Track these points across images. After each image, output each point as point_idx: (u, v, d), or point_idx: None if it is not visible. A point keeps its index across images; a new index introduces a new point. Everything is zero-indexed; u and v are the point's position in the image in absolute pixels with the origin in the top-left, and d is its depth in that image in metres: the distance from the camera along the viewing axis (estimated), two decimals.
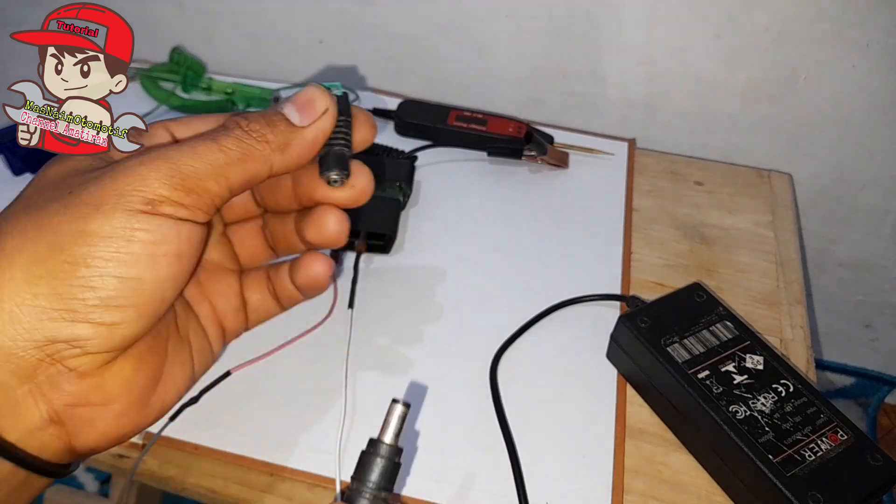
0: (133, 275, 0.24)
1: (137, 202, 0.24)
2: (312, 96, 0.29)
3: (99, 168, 0.26)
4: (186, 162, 0.25)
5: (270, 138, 0.27)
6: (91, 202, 0.24)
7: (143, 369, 0.27)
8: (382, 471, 0.25)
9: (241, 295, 0.35)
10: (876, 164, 0.62)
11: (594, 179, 0.57)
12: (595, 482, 0.38)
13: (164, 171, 0.24)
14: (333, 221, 0.32)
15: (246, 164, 0.26)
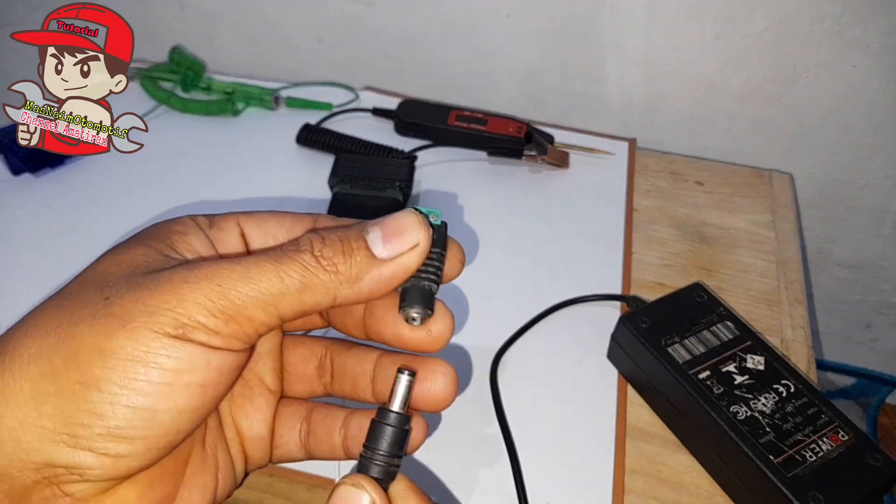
0: (147, 405, 0.21)
1: (168, 324, 0.21)
2: (404, 225, 0.25)
3: (154, 271, 0.23)
4: (235, 286, 0.22)
5: (342, 269, 0.23)
6: (120, 315, 0.21)
7: (151, 495, 0.24)
8: (393, 439, 0.24)
9: (272, 423, 0.29)
10: (876, 164, 0.62)
11: (594, 179, 0.57)
12: (595, 482, 0.38)
13: (207, 293, 0.22)
14: (443, 382, 0.27)
15: (305, 295, 0.23)
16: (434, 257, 0.26)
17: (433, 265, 0.26)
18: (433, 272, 0.26)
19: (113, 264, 0.24)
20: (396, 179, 0.51)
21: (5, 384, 0.21)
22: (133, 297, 0.22)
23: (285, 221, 0.27)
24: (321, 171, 0.53)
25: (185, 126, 0.61)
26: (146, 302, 0.21)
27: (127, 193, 0.54)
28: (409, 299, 0.26)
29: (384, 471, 0.24)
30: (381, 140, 0.58)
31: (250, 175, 0.56)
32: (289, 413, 0.29)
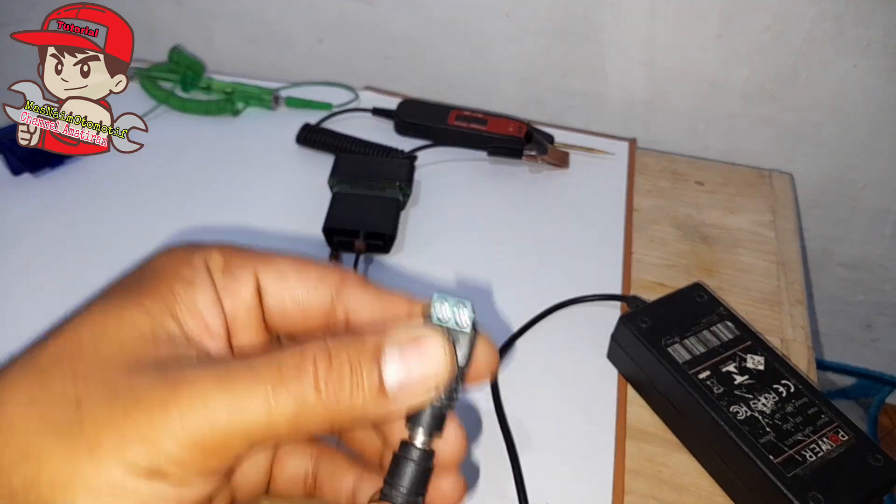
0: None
1: (140, 458, 0.18)
2: (429, 364, 0.21)
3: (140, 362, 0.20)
4: (221, 415, 0.18)
5: (345, 403, 0.20)
6: (89, 437, 0.18)
7: None
8: (415, 475, 0.22)
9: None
10: (877, 164, 0.62)
11: (594, 179, 0.57)
12: (595, 482, 0.38)
13: (188, 422, 0.18)
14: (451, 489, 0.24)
15: (298, 425, 0.19)
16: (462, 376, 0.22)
17: (451, 385, 0.22)
18: (449, 394, 0.22)
19: (97, 337, 0.21)
20: (396, 179, 0.51)
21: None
22: (106, 415, 0.19)
23: (309, 278, 0.23)
24: (321, 171, 0.53)
25: (185, 126, 0.61)
26: (118, 425, 0.18)
27: (127, 193, 0.54)
28: (416, 420, 0.22)
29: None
30: (381, 140, 0.58)
31: (250, 175, 0.56)
32: (291, 465, 0.26)
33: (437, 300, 0.22)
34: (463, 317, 0.22)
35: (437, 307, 0.22)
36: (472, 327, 0.22)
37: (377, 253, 0.49)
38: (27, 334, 0.47)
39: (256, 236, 0.51)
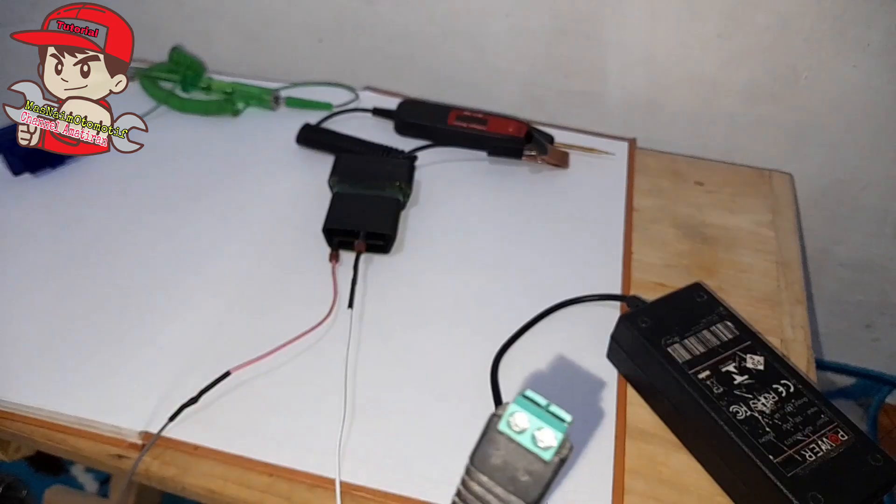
0: None
1: None
2: None
3: None
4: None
5: None
6: None
7: None
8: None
9: None
10: (877, 164, 0.62)
11: (594, 179, 0.57)
12: (595, 482, 0.38)
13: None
14: None
15: None
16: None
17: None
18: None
19: None
20: (396, 179, 0.51)
21: None
22: None
23: None
24: (321, 171, 0.53)
25: (185, 126, 0.61)
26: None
27: (127, 193, 0.54)
28: None
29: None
30: (381, 140, 0.58)
31: (250, 175, 0.56)
32: None
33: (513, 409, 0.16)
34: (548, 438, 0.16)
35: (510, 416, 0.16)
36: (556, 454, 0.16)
37: (377, 253, 0.49)
38: (27, 334, 0.47)
39: (256, 236, 0.51)
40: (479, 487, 0.17)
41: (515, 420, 0.16)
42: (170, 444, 0.38)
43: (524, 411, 0.16)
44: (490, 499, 0.17)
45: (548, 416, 0.16)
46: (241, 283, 0.47)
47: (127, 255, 0.49)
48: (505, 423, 0.16)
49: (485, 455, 0.16)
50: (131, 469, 0.38)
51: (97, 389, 0.41)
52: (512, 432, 0.16)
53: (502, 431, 0.16)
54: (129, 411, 0.39)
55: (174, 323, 0.44)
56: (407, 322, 0.45)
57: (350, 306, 0.44)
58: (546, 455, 0.15)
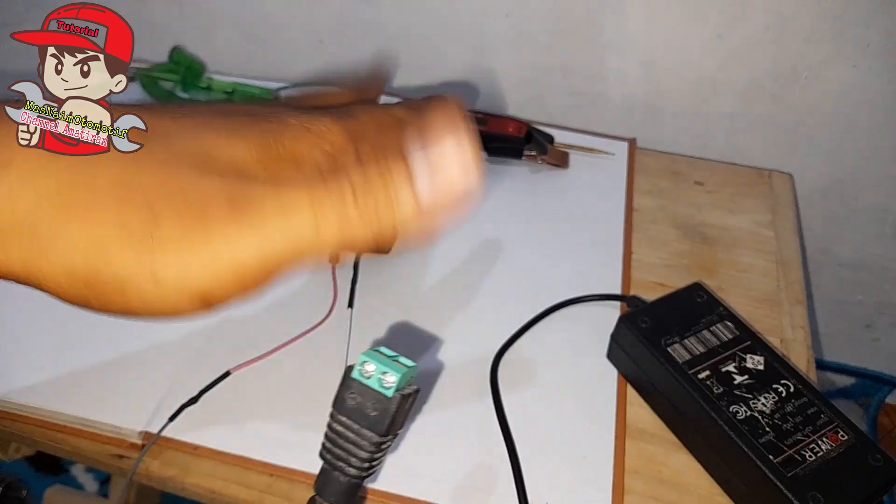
0: None
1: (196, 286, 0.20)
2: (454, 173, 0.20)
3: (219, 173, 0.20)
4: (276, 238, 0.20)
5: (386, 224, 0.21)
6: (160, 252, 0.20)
7: None
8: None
9: None
10: (877, 164, 0.62)
11: (594, 179, 0.57)
12: (595, 482, 0.38)
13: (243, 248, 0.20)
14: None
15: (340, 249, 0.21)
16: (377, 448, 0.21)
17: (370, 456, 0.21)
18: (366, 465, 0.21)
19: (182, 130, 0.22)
20: None
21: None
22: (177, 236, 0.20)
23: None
24: None
25: None
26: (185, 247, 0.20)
27: None
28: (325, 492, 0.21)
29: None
30: None
31: None
32: None
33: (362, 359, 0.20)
34: (389, 379, 0.20)
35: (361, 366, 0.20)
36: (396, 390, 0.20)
37: (377, 253, 0.49)
38: (28, 334, 0.47)
39: None
40: (340, 427, 0.20)
41: (365, 368, 0.20)
42: (170, 444, 0.38)
43: (372, 361, 0.20)
44: (349, 435, 0.20)
45: (394, 364, 0.20)
46: None
47: None
48: (357, 371, 0.20)
49: (342, 399, 0.20)
50: (131, 469, 0.38)
51: (97, 389, 0.41)
52: (362, 378, 0.20)
53: (355, 378, 0.20)
54: (129, 411, 0.39)
55: (174, 323, 0.44)
56: (407, 322, 0.45)
57: (350, 306, 0.44)
58: (388, 392, 0.19)
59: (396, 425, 0.20)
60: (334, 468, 0.21)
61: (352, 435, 0.21)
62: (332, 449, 0.22)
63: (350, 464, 0.21)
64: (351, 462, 0.21)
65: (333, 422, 0.20)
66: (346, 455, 0.21)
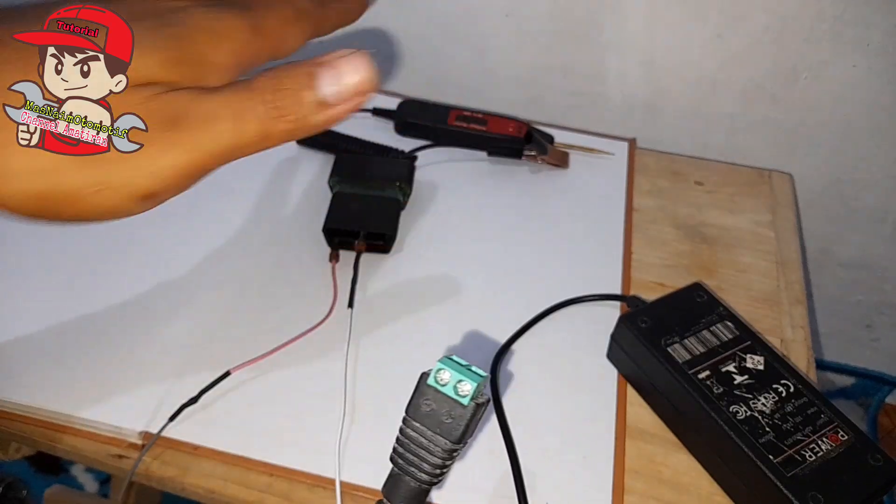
0: None
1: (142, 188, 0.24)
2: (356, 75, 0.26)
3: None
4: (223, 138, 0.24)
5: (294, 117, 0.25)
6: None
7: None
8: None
9: None
10: (877, 164, 0.62)
11: (594, 179, 0.57)
12: (595, 482, 0.38)
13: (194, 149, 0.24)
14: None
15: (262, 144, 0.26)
16: (449, 455, 0.21)
17: (441, 463, 0.21)
18: (437, 472, 0.21)
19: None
20: (396, 179, 0.51)
21: None
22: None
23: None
24: (321, 171, 0.53)
25: None
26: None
27: None
28: (395, 496, 0.22)
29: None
30: (381, 140, 0.58)
31: (250, 175, 0.56)
32: None
33: (439, 366, 0.21)
34: (465, 388, 0.20)
35: (437, 373, 0.21)
36: (472, 399, 0.20)
37: (377, 253, 0.49)
38: (27, 334, 0.47)
39: (256, 236, 0.51)
40: (413, 433, 0.21)
41: (440, 376, 0.20)
42: (170, 444, 0.38)
43: (447, 368, 0.20)
44: (422, 441, 0.21)
45: (468, 372, 0.20)
46: (241, 282, 0.47)
47: (127, 254, 0.49)
48: (433, 378, 0.20)
49: (417, 406, 0.21)
50: (131, 469, 0.38)
51: (97, 389, 0.41)
52: (438, 385, 0.20)
53: (430, 385, 0.20)
54: (129, 411, 0.39)
55: (174, 323, 0.44)
56: (407, 322, 0.45)
57: (350, 306, 0.44)
58: (464, 400, 0.20)
59: (469, 433, 0.21)
60: (406, 473, 0.21)
61: (425, 441, 0.21)
62: (404, 454, 0.22)
63: (422, 469, 0.21)
64: (423, 468, 0.21)
65: (407, 427, 0.21)
66: (417, 461, 0.21)
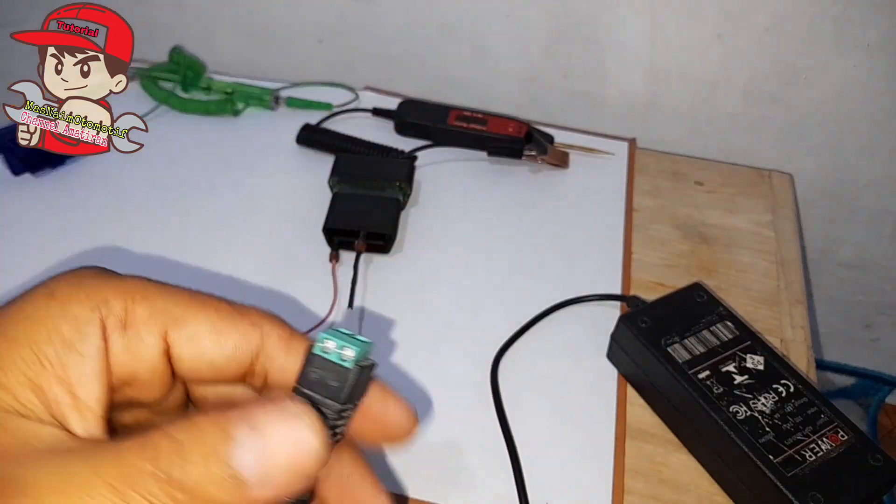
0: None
1: None
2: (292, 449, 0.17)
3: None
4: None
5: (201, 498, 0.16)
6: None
7: None
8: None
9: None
10: (876, 164, 0.62)
11: (594, 179, 0.57)
12: (595, 482, 0.38)
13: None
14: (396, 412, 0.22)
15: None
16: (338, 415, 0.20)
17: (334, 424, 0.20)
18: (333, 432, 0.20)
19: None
20: (396, 179, 0.51)
21: None
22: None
23: (227, 343, 0.20)
24: (321, 171, 0.53)
25: (185, 126, 0.61)
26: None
27: (127, 193, 0.54)
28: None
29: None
30: (381, 140, 0.58)
31: (250, 175, 0.56)
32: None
33: (323, 336, 0.20)
34: (348, 353, 0.20)
35: (322, 343, 0.20)
36: (355, 363, 0.20)
37: (377, 253, 0.49)
38: None
39: (256, 237, 0.51)
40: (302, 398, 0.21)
41: (325, 345, 0.20)
42: None
43: (332, 338, 0.20)
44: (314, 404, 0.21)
45: (352, 340, 0.21)
46: (241, 282, 0.47)
47: (126, 255, 0.49)
48: (318, 348, 0.21)
49: (306, 374, 0.21)
50: None
51: None
52: (323, 353, 0.20)
53: (316, 353, 0.21)
54: None
55: None
56: (407, 322, 0.45)
57: (350, 306, 0.44)
58: (347, 364, 0.20)
59: (356, 394, 0.21)
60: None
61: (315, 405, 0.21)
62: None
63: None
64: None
65: (297, 395, 0.21)
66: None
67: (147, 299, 0.20)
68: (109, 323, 0.19)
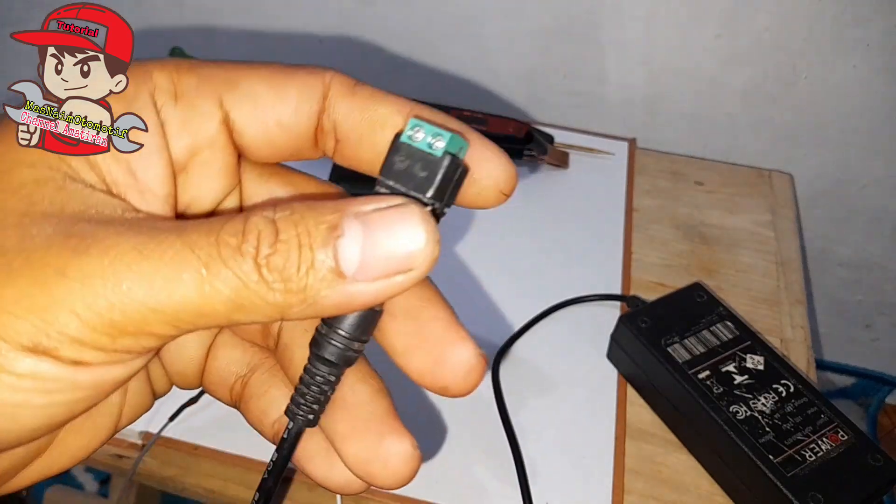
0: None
1: (26, 334, 0.14)
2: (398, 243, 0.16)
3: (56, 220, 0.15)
4: (136, 294, 0.14)
5: (294, 286, 0.15)
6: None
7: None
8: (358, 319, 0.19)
9: (203, 361, 0.21)
10: (876, 164, 0.62)
11: (594, 179, 0.57)
12: (595, 482, 0.38)
13: (91, 298, 0.14)
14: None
15: (236, 315, 0.15)
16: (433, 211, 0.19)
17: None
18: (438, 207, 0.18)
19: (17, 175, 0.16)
20: None
21: None
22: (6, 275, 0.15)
23: (289, 96, 0.19)
24: (321, 172, 0.53)
25: None
26: (3, 294, 0.14)
27: None
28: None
29: (341, 355, 0.19)
30: None
31: None
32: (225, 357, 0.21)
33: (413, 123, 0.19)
34: (439, 143, 0.18)
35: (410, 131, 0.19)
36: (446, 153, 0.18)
37: None
38: None
39: None
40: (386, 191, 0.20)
41: (414, 133, 0.19)
42: (170, 444, 0.38)
43: (422, 127, 0.19)
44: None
45: (444, 132, 0.19)
46: None
47: None
48: (406, 136, 0.19)
49: (391, 164, 0.19)
50: (131, 469, 0.38)
51: None
52: (411, 142, 0.19)
53: (403, 141, 0.19)
54: None
55: None
56: None
57: None
58: (438, 153, 0.18)
59: (445, 190, 0.19)
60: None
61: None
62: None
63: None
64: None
65: (381, 187, 0.19)
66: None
67: (194, 69, 0.18)
68: (159, 97, 0.18)
